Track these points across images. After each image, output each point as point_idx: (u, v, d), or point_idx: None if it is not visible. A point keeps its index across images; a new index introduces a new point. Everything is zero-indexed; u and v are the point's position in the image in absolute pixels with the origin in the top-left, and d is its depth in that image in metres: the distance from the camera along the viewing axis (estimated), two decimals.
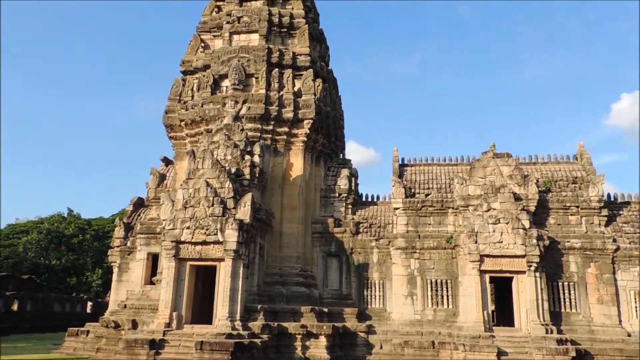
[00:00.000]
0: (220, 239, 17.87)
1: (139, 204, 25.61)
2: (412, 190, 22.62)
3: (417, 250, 21.33)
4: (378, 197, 24.34)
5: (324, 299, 21.60)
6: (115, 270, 23.87)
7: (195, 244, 18.15)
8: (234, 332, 16.76)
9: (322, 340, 18.82)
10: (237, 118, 21.67)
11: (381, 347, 19.87)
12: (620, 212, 21.50)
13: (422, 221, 22.01)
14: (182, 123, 23.27)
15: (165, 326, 17.45)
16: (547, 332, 18.31)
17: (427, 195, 22.44)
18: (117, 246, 24.02)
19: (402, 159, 24.55)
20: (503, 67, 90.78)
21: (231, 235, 17.81)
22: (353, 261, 22.08)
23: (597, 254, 20.07)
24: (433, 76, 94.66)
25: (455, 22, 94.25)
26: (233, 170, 19.68)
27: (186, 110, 23.32)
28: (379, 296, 21.67)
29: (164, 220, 18.71)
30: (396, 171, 23.68)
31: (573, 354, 17.38)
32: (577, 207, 20.90)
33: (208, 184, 18.55)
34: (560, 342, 17.85)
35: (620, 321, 19.47)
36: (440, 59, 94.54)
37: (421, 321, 20.59)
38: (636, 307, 19.22)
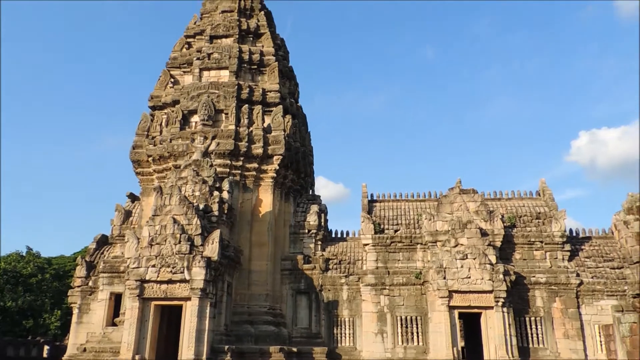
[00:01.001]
0: (187, 278, 17.43)
1: (103, 242, 24.83)
2: (382, 226, 22.73)
3: (387, 287, 21.28)
4: (347, 233, 24.34)
5: (293, 338, 21.15)
6: (76, 311, 22.83)
7: (161, 282, 17.63)
8: None
9: None
10: (206, 154, 21.54)
11: None
12: (583, 247, 22.06)
13: (392, 257, 22.05)
14: (150, 159, 22.97)
15: None
16: None
17: (396, 231, 22.58)
18: (78, 286, 23.07)
19: (371, 195, 24.75)
20: (467, 107, 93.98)
21: (198, 274, 17.41)
22: (323, 298, 21.82)
23: (562, 288, 20.42)
24: (401, 114, 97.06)
25: (421, 63, 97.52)
26: (201, 206, 19.41)
27: (154, 145, 23.07)
28: (349, 334, 21.37)
29: (128, 258, 18.18)
30: (365, 207, 23.81)
31: None
32: (541, 242, 21.35)
33: (175, 221, 18.20)
34: None
35: (586, 355, 19.68)
36: (408, 98, 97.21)
37: (392, 359, 20.34)
38: (601, 341, 19.48)
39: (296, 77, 27.16)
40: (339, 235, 24.30)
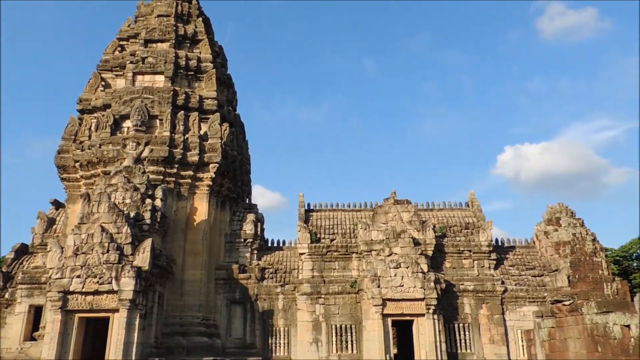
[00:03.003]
0: (115, 288, 16.67)
1: (22, 251, 23.24)
2: (318, 236, 22.86)
3: (323, 296, 21.38)
4: (284, 242, 24.27)
5: (227, 349, 20.72)
6: None
7: (86, 294, 16.75)
8: None
9: None
10: (138, 160, 20.82)
11: None
12: (507, 256, 23.24)
13: (328, 266, 22.21)
14: (77, 164, 21.88)
15: None
16: None
17: (332, 240, 22.78)
18: None
19: (308, 204, 24.87)
20: (403, 119, 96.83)
21: (127, 284, 16.70)
22: (258, 308, 21.57)
23: (488, 295, 21.38)
24: (339, 124, 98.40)
25: (361, 74, 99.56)
26: (132, 214, 18.70)
27: (82, 150, 22.02)
28: (284, 343, 21.23)
29: (50, 268, 17.15)
30: (302, 216, 23.87)
31: None
32: (470, 251, 22.28)
33: (103, 229, 17.40)
34: None
35: (509, 359, 20.65)
36: (346, 109, 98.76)
37: None
38: (523, 345, 20.52)
39: (234, 85, 26.94)
40: (275, 245, 24.17)
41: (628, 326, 10.48)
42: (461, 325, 21.03)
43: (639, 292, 10.32)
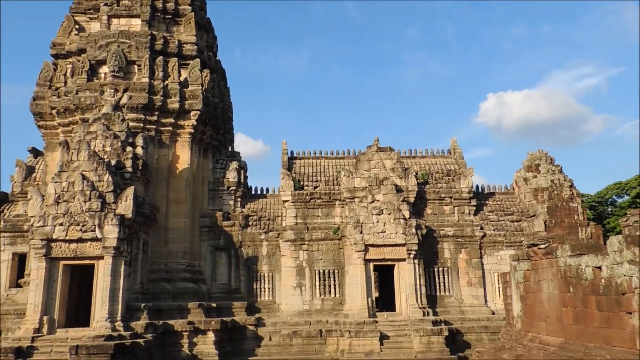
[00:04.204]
0: (99, 236, 16.71)
1: (3, 200, 22.99)
2: (301, 183, 22.97)
3: (306, 242, 21.74)
4: (267, 190, 24.36)
5: (212, 294, 21.19)
6: None
7: (70, 241, 16.78)
8: (115, 334, 15.82)
9: (210, 336, 18.47)
10: (117, 107, 20.36)
11: (270, 339, 19.99)
12: (487, 202, 23.72)
13: (311, 213, 22.46)
14: (54, 111, 21.33)
15: (35, 332, 15.94)
16: (424, 315, 19.68)
17: (315, 187, 22.93)
18: None
19: (291, 152, 24.82)
20: (387, 66, 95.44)
21: (111, 232, 16.74)
22: (242, 254, 21.92)
23: (467, 240, 21.96)
24: (322, 72, 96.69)
25: (344, 20, 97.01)
26: (113, 162, 18.48)
27: (58, 97, 21.40)
28: (269, 288, 21.75)
29: (32, 217, 17.05)
30: (285, 164, 23.87)
31: (446, 333, 18.91)
32: (451, 197, 22.66)
33: (84, 177, 17.22)
34: (435, 323, 19.30)
35: (485, 301, 21.52)
36: (329, 56, 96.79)
37: (310, 311, 21.05)
38: (499, 288, 21.33)
39: (214, 29, 26.08)
40: (258, 192, 24.27)
41: (599, 267, 10.89)
42: (441, 269, 21.69)
43: (612, 236, 10.68)
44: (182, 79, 22.31)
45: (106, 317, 16.33)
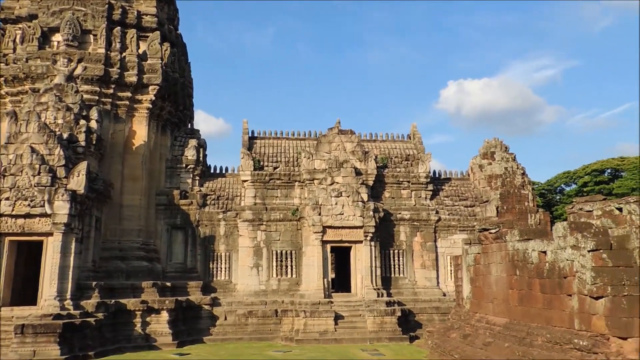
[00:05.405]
0: (49, 212, 16.13)
1: None
2: (261, 163, 22.82)
3: (264, 222, 21.71)
4: (227, 169, 24.08)
5: (167, 273, 20.93)
6: None
7: (17, 217, 16.13)
8: (64, 313, 15.42)
9: (164, 315, 18.30)
10: (70, 78, 19.55)
11: (225, 319, 19.98)
12: (443, 187, 24.27)
13: (270, 194, 22.39)
14: (1, 79, 20.30)
15: None
16: (378, 296, 20.09)
17: (275, 168, 22.83)
18: None
19: (252, 132, 24.55)
20: (351, 47, 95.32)
21: (62, 208, 16.18)
22: (199, 234, 21.68)
23: (423, 224, 22.46)
24: (286, 50, 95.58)
25: None
26: (65, 135, 17.79)
27: (6, 64, 20.35)
28: (225, 268, 21.66)
29: None
30: (245, 143, 23.62)
31: (399, 314, 19.40)
32: (409, 182, 23.05)
33: (34, 150, 16.52)
34: (389, 304, 19.75)
35: (438, 283, 22.16)
36: (294, 34, 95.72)
37: (266, 291, 21.12)
38: (451, 270, 21.96)
39: (175, 1, 25.27)
40: (218, 171, 23.96)
41: (545, 252, 11.37)
42: (396, 251, 22.14)
43: (558, 222, 11.15)
44: (140, 51, 21.60)
45: (55, 295, 15.87)
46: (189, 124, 25.19)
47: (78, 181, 16.76)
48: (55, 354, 14.21)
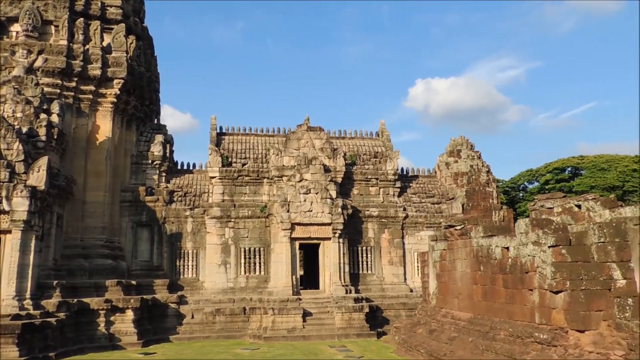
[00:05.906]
0: (7, 209, 15.55)
1: None
2: (230, 160, 22.60)
3: (232, 219, 21.51)
4: (194, 166, 23.74)
5: (132, 271, 20.51)
6: None
7: None
8: (23, 313, 14.90)
9: (129, 314, 17.93)
10: (30, 70, 18.89)
11: (192, 317, 19.73)
12: (411, 184, 24.57)
13: (238, 190, 22.20)
14: None
15: None
16: (346, 292, 20.21)
17: (243, 164, 22.65)
18: None
19: (220, 128, 24.28)
20: (321, 44, 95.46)
21: (20, 204, 15.63)
22: (166, 231, 21.32)
23: (391, 221, 22.68)
24: (255, 45, 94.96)
25: None
26: (25, 129, 17.18)
27: None
28: (192, 266, 21.38)
29: None
30: (213, 139, 23.34)
31: (367, 310, 19.57)
32: (377, 179, 23.24)
33: None
34: (357, 300, 19.89)
35: (405, 279, 22.44)
36: (264, 29, 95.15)
37: (234, 289, 20.96)
38: (417, 267, 22.28)
39: None
40: (185, 168, 23.60)
41: (507, 248, 11.66)
42: (364, 248, 22.30)
43: (521, 219, 11.44)
44: (105, 44, 21.04)
45: (13, 295, 15.32)
46: (156, 119, 24.72)
47: (38, 177, 16.22)
48: (14, 356, 13.74)
